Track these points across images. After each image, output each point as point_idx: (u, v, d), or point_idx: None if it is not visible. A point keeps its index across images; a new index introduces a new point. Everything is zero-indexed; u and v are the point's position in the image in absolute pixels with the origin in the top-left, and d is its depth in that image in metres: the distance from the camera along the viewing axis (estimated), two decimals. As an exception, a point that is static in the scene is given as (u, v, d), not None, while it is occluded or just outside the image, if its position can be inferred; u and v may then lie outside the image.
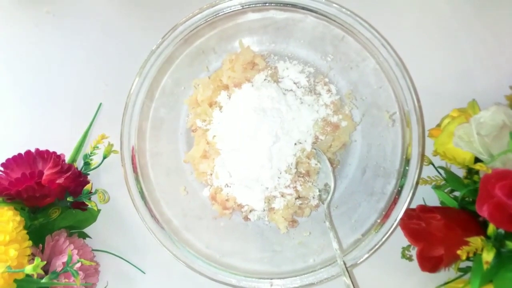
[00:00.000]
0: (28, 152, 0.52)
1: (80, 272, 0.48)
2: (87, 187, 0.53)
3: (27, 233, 0.48)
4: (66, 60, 0.61)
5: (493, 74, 0.57)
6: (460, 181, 0.50)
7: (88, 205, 0.54)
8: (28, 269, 0.43)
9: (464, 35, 0.58)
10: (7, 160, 0.52)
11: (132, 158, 0.53)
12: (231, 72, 0.56)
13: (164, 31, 0.53)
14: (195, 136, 0.57)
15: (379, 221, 0.51)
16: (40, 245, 0.51)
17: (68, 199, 0.52)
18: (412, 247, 0.51)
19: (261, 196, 0.54)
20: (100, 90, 0.60)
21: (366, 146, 0.57)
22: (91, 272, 0.54)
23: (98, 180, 0.59)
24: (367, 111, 0.57)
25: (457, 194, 0.51)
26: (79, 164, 0.57)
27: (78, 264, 0.49)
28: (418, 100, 0.51)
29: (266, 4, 0.53)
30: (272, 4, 0.53)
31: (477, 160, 0.48)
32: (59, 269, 0.48)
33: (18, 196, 0.49)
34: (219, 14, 0.53)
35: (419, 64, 0.56)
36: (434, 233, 0.46)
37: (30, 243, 0.48)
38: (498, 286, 0.43)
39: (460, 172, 0.52)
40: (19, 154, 0.52)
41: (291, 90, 0.58)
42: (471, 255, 0.43)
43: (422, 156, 0.51)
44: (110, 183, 0.58)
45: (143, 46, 0.54)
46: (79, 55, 0.61)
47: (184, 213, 0.56)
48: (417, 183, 0.51)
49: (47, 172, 0.51)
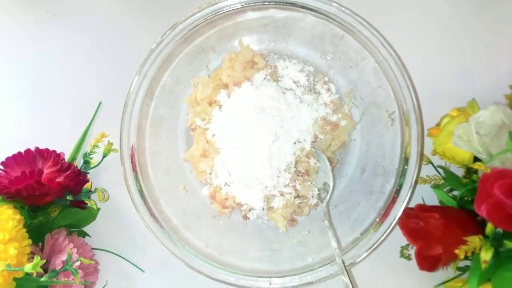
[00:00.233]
0: (28, 151, 0.53)
1: (80, 271, 0.48)
2: (87, 185, 0.53)
3: (27, 231, 0.48)
4: (66, 59, 0.61)
5: (492, 73, 0.57)
6: (459, 180, 0.51)
7: (87, 203, 0.54)
8: (28, 267, 0.43)
9: (464, 35, 0.58)
10: (7, 158, 0.52)
11: (132, 157, 0.53)
12: (230, 71, 0.56)
13: (164, 29, 0.52)
14: (195, 135, 0.58)
15: (378, 220, 0.51)
16: (40, 243, 0.51)
17: (67, 197, 0.53)
18: (410, 246, 0.51)
19: (260, 195, 0.54)
20: (100, 88, 0.60)
21: (365, 145, 0.57)
22: (90, 270, 0.54)
23: (97, 178, 0.59)
24: (366, 110, 0.57)
25: (456, 193, 0.51)
26: (79, 162, 0.58)
27: (78, 263, 0.49)
28: (417, 99, 0.51)
29: (265, 3, 0.52)
30: (271, 3, 0.52)
31: (476, 159, 0.49)
32: (58, 267, 0.48)
33: (17, 194, 0.49)
34: (218, 12, 0.52)
35: (419, 64, 0.56)
36: (433, 232, 0.46)
37: (30, 241, 0.48)
38: (496, 285, 0.43)
39: (459, 172, 0.52)
40: (19, 153, 0.52)
41: (291, 89, 0.58)
42: (470, 254, 0.43)
43: (421, 155, 0.51)
44: (109, 181, 0.59)
45: (143, 45, 0.54)
46: (79, 53, 0.61)
47: (183, 211, 0.56)
48: (416, 182, 0.51)
49: (47, 170, 0.51)
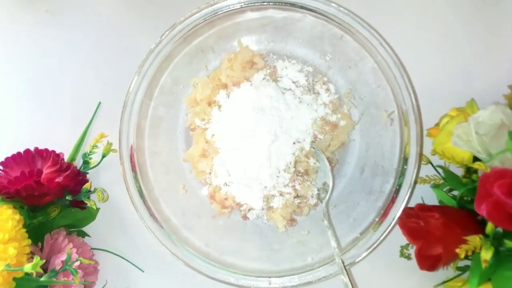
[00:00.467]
0: (27, 151, 0.53)
1: (79, 271, 0.48)
2: (86, 185, 0.53)
3: (26, 231, 0.48)
4: (65, 59, 0.61)
5: (491, 73, 0.57)
6: (459, 180, 0.51)
7: (87, 203, 0.54)
8: (27, 267, 0.43)
9: (463, 34, 0.58)
10: (6, 158, 0.52)
11: (131, 157, 0.53)
12: (230, 71, 0.56)
13: (163, 30, 0.52)
14: (194, 135, 0.58)
15: (377, 219, 0.51)
16: (39, 243, 0.51)
17: (67, 197, 0.53)
18: (410, 245, 0.51)
19: (259, 195, 0.54)
20: (99, 89, 0.60)
21: (365, 145, 0.57)
22: (90, 270, 0.54)
23: (97, 178, 0.59)
24: (365, 110, 0.57)
25: (455, 193, 0.51)
26: (78, 163, 0.58)
27: (77, 263, 0.49)
28: (416, 99, 0.51)
29: (264, 3, 0.53)
30: (270, 3, 0.52)
31: (475, 159, 0.49)
32: (58, 267, 0.48)
33: (17, 194, 0.49)
34: (218, 13, 0.52)
35: (418, 63, 0.56)
36: (433, 231, 0.46)
37: (29, 241, 0.48)
38: (496, 285, 0.43)
39: (459, 171, 0.52)
40: (18, 153, 0.52)
41: (290, 89, 0.58)
42: (470, 253, 0.43)
43: (420, 155, 0.51)
44: (109, 181, 0.59)
45: (142, 45, 0.54)
46: (78, 54, 0.61)
47: (183, 211, 0.56)
48: (415, 182, 0.51)
49: (46, 170, 0.51)
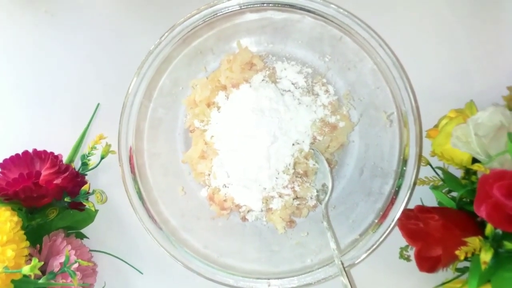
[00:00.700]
0: (25, 153, 0.52)
1: (78, 273, 0.48)
2: (85, 187, 0.53)
3: (25, 233, 0.48)
4: (64, 60, 0.61)
5: (491, 75, 0.57)
6: (458, 181, 0.50)
7: (85, 205, 0.54)
8: (26, 269, 0.42)
9: (462, 36, 0.59)
10: (5, 160, 0.52)
11: (130, 158, 0.53)
12: (229, 73, 0.56)
13: (162, 31, 0.53)
14: (193, 136, 0.57)
15: (376, 221, 0.51)
16: (38, 245, 0.51)
17: (65, 199, 0.52)
18: (410, 247, 0.51)
19: (259, 196, 0.54)
20: (98, 90, 0.60)
21: (364, 147, 0.57)
22: (88, 272, 0.54)
23: (95, 180, 0.58)
24: (364, 112, 0.57)
25: (455, 194, 0.51)
26: (77, 164, 0.57)
27: (76, 265, 0.48)
28: (416, 101, 0.51)
29: (264, 5, 0.53)
30: (270, 5, 0.53)
31: (474, 160, 0.48)
32: (56, 269, 0.48)
33: (15, 196, 0.49)
34: (217, 14, 0.52)
35: (417, 65, 0.56)
36: (432, 233, 0.46)
37: (28, 243, 0.47)
38: (495, 286, 0.43)
39: (458, 173, 0.52)
40: (17, 154, 0.52)
41: (289, 91, 0.58)
42: (469, 255, 0.43)
43: (420, 156, 0.51)
44: (107, 183, 0.58)
45: (141, 46, 0.54)
46: (77, 55, 0.61)
47: (182, 213, 0.56)
48: (414, 183, 0.51)
49: (45, 172, 0.51)
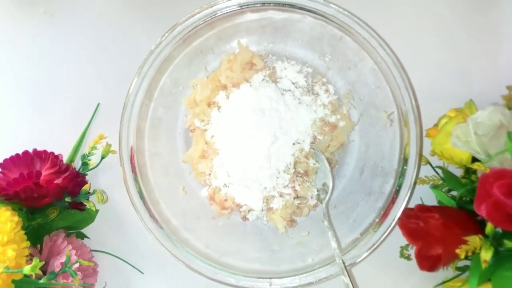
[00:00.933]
0: (25, 153, 0.52)
1: (79, 273, 0.48)
2: (85, 187, 0.53)
3: (25, 233, 0.48)
4: (64, 61, 0.61)
5: (490, 74, 0.58)
6: (458, 180, 0.51)
7: (86, 205, 0.54)
8: (27, 269, 0.42)
9: (462, 35, 0.59)
10: (5, 160, 0.52)
11: (131, 158, 0.53)
12: (229, 72, 0.56)
13: (162, 31, 0.52)
14: (194, 136, 0.57)
15: (377, 220, 0.51)
16: (38, 245, 0.51)
17: (66, 199, 0.52)
18: (410, 246, 0.51)
19: (259, 196, 0.54)
20: (98, 90, 0.60)
21: (364, 146, 0.57)
22: (89, 272, 0.54)
23: (96, 180, 0.58)
24: (365, 111, 0.57)
25: (455, 193, 0.51)
26: (77, 164, 0.57)
27: (77, 265, 0.48)
28: (416, 100, 0.51)
29: (264, 5, 0.53)
30: (270, 5, 0.53)
31: (474, 159, 0.49)
32: (57, 269, 0.48)
33: (16, 196, 0.49)
34: (217, 14, 0.53)
35: (417, 64, 0.56)
36: (433, 232, 0.46)
37: (28, 243, 0.47)
38: (496, 285, 0.43)
39: (458, 172, 0.52)
40: (17, 155, 0.52)
41: (289, 90, 0.58)
42: (470, 254, 0.43)
43: (420, 155, 0.51)
44: (108, 183, 0.58)
45: (141, 46, 0.54)
46: (77, 55, 0.61)
47: (182, 213, 0.56)
48: (415, 183, 0.51)
49: (45, 172, 0.51)
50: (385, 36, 0.52)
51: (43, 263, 0.47)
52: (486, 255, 0.43)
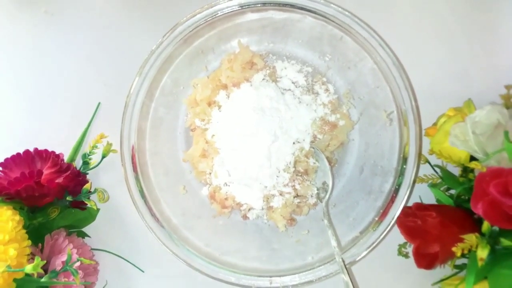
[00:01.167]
0: (26, 152, 0.52)
1: (80, 271, 0.48)
2: (86, 186, 0.53)
3: (26, 232, 0.48)
4: (65, 60, 0.61)
5: (489, 74, 0.58)
6: (456, 179, 0.51)
7: (87, 204, 0.54)
8: (28, 268, 0.43)
9: (461, 35, 0.59)
10: (6, 159, 0.52)
11: (132, 158, 0.53)
12: (230, 72, 0.56)
13: (164, 31, 0.53)
14: (194, 135, 0.58)
15: (377, 219, 0.52)
16: (40, 244, 0.51)
17: (67, 198, 0.52)
18: (408, 244, 0.52)
19: (259, 194, 0.54)
20: (98, 89, 0.60)
21: (364, 145, 0.57)
22: (90, 271, 0.54)
23: (97, 179, 0.58)
24: (364, 110, 0.57)
25: (452, 192, 0.52)
26: (78, 163, 0.57)
27: (78, 263, 0.49)
28: (415, 100, 0.52)
29: (265, 5, 0.53)
30: (271, 5, 0.53)
31: (472, 158, 0.49)
32: (58, 268, 0.48)
33: (17, 195, 0.49)
34: (218, 14, 0.53)
35: (416, 64, 0.56)
36: (430, 230, 0.47)
37: (30, 242, 0.48)
38: (492, 283, 0.44)
39: (456, 171, 0.53)
40: (18, 154, 0.52)
41: (290, 90, 0.58)
42: (466, 252, 0.44)
43: (419, 155, 0.52)
44: (109, 182, 0.58)
45: (141, 46, 0.54)
46: (78, 55, 0.61)
47: (183, 212, 0.56)
48: (414, 182, 0.51)
49: (46, 171, 0.51)
50: (385, 36, 0.52)
51: (45, 262, 0.47)
52: (483, 253, 0.43)
